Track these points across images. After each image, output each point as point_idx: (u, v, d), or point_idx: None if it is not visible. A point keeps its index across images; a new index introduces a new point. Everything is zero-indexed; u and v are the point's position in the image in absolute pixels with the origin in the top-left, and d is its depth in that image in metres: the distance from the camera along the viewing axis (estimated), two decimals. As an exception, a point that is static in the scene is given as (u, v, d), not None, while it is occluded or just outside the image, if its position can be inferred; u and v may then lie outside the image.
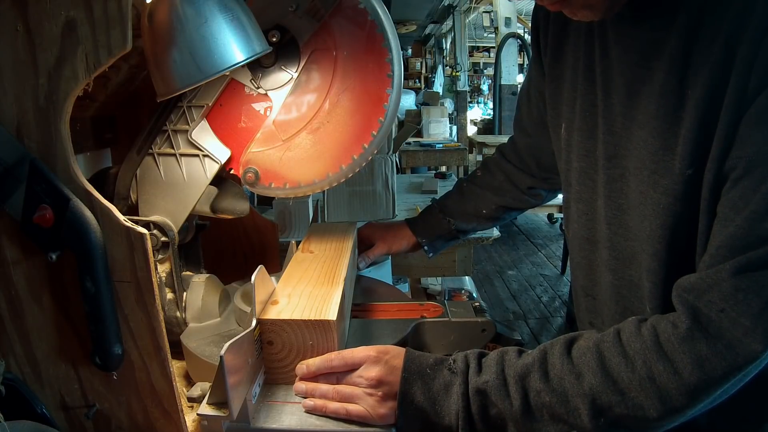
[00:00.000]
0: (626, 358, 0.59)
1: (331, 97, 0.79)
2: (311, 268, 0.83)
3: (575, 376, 0.61)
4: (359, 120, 0.78)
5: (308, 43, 0.79)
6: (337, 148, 0.79)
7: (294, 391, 0.69)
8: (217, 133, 0.82)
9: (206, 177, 0.82)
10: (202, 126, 0.81)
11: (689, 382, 0.56)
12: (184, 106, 0.81)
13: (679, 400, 0.57)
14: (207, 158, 0.82)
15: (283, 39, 0.79)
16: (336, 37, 0.78)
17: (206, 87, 0.80)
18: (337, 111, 0.79)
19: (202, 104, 0.81)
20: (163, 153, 0.82)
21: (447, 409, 0.64)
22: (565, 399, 0.61)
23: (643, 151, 0.65)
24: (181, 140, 0.82)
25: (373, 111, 0.78)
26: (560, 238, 5.09)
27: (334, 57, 0.78)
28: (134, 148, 0.82)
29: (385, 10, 0.78)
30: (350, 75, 0.78)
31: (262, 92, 0.81)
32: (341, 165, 0.79)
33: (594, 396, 0.60)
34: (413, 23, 8.20)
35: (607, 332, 0.63)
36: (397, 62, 0.78)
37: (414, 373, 0.66)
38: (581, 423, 0.60)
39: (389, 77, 0.77)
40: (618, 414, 0.59)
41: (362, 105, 0.78)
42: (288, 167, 0.81)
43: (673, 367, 0.57)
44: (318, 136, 0.80)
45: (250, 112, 0.82)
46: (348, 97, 0.79)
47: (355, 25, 0.77)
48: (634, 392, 0.58)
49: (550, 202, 1.17)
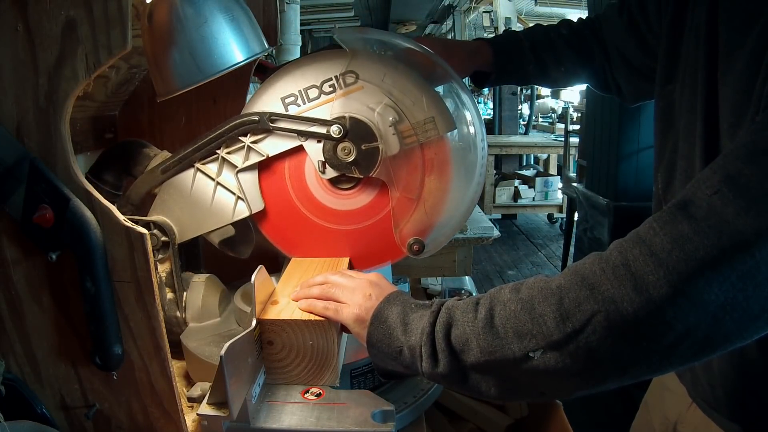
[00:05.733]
0: (601, 257, 0.54)
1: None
2: (311, 268, 0.83)
3: (545, 283, 0.56)
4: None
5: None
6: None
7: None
8: (262, 185, 0.82)
9: (231, 217, 0.82)
10: (252, 171, 0.81)
11: (667, 263, 0.49)
12: (247, 144, 0.80)
13: (658, 289, 0.49)
14: (241, 201, 0.82)
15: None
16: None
17: (277, 139, 0.80)
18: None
19: (264, 154, 0.80)
20: (204, 171, 0.81)
21: (414, 328, 0.62)
22: (531, 305, 0.55)
23: (728, 107, 0.62)
24: (226, 170, 0.81)
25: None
26: (560, 238, 5.08)
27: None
28: (161, 165, 0.82)
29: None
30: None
31: (321, 175, 0.81)
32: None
33: (561, 295, 0.53)
34: (413, 23, 8.20)
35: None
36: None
37: (397, 299, 0.67)
38: (546, 330, 0.53)
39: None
40: (588, 313, 0.51)
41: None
42: (434, 213, 0.80)
43: (650, 250, 0.50)
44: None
45: (302, 183, 0.83)
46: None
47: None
48: (605, 285, 0.51)
49: (550, 202, 1.14)
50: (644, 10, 0.85)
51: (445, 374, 0.59)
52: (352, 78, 0.77)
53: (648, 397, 0.96)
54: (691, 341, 0.50)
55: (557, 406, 0.99)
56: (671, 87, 0.76)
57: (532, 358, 0.54)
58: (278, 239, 0.86)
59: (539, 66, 1.00)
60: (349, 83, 0.77)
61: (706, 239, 0.48)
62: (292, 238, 0.86)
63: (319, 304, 0.69)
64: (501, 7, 6.00)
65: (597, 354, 0.52)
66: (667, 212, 0.52)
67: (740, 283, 0.48)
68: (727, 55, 0.63)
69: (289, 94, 0.79)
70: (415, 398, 0.80)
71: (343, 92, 0.77)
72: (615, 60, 0.95)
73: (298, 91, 0.78)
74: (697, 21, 0.69)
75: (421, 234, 0.81)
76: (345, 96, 0.78)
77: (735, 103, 0.60)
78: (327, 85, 0.78)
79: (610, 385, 0.54)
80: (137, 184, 0.83)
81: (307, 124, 0.78)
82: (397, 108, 0.77)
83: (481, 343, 0.57)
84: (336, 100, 0.78)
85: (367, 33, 0.79)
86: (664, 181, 0.77)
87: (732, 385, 0.71)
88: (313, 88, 0.78)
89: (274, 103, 0.79)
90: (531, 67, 1.00)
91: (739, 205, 0.48)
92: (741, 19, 0.62)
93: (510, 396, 0.66)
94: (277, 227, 0.85)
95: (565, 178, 3.99)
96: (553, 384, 0.56)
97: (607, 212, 2.61)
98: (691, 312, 0.49)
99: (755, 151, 0.50)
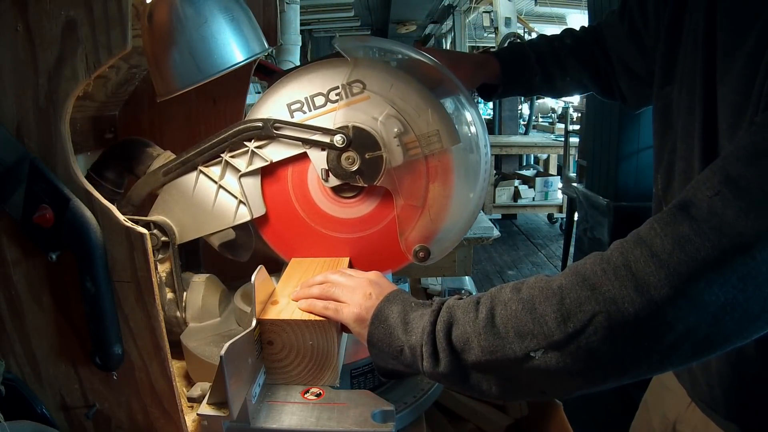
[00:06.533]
0: (602, 257, 0.54)
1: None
2: (311, 268, 0.83)
3: (546, 283, 0.56)
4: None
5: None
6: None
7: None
8: (265, 191, 0.82)
9: (232, 220, 0.82)
10: (255, 176, 0.81)
11: (668, 264, 0.49)
12: (251, 149, 0.80)
13: (659, 289, 0.49)
14: (242, 205, 0.82)
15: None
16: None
17: (281, 145, 0.80)
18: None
19: (268, 159, 0.80)
20: (207, 174, 0.81)
21: (415, 327, 0.62)
22: (532, 305, 0.55)
23: (727, 108, 0.62)
24: (229, 174, 0.81)
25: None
26: (560, 238, 5.08)
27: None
28: (164, 167, 0.81)
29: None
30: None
31: (324, 183, 0.81)
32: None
33: (562, 295, 0.53)
34: (413, 23, 8.20)
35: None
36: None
37: (398, 298, 0.67)
38: (548, 330, 0.53)
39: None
40: (589, 313, 0.51)
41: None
42: (439, 219, 0.80)
43: (651, 251, 0.50)
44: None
45: (305, 190, 0.83)
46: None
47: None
48: (606, 285, 0.51)
49: (550, 202, 1.14)
50: (644, 14, 0.85)
51: (446, 373, 0.59)
52: (359, 87, 0.77)
53: (647, 397, 0.96)
54: (691, 341, 0.50)
55: (557, 406, 0.99)
56: (669, 88, 0.76)
57: (533, 357, 0.54)
58: (278, 245, 0.86)
59: (545, 77, 1.01)
60: (356, 92, 0.77)
61: (706, 240, 0.48)
62: (292, 244, 0.86)
63: (319, 304, 0.69)
64: (501, 7, 5.99)
65: (598, 354, 0.52)
66: (668, 213, 0.52)
67: (741, 283, 0.48)
68: (726, 57, 0.63)
69: (295, 101, 0.79)
70: (415, 398, 0.80)
71: (349, 101, 0.77)
72: (617, 67, 0.95)
73: (305, 98, 0.78)
74: (695, 23, 0.69)
75: (427, 240, 0.81)
76: (351, 105, 0.77)
77: (734, 104, 0.60)
78: (334, 93, 0.78)
79: (611, 385, 0.55)
80: (138, 185, 0.83)
81: (311, 133, 0.78)
82: (403, 119, 0.77)
83: (482, 343, 0.57)
84: (340, 110, 0.78)
85: (375, 42, 0.79)
86: (664, 182, 0.77)
87: (730, 385, 0.71)
88: (320, 96, 0.78)
89: (279, 109, 0.79)
90: (537, 79, 1.01)
91: (739, 207, 0.48)
92: (739, 20, 0.62)
93: (511, 395, 0.66)
94: (277, 233, 0.85)
95: (565, 178, 3.99)
96: (553, 383, 0.57)
97: (607, 212, 2.61)
98: (692, 312, 0.49)
99: (755, 153, 0.50)
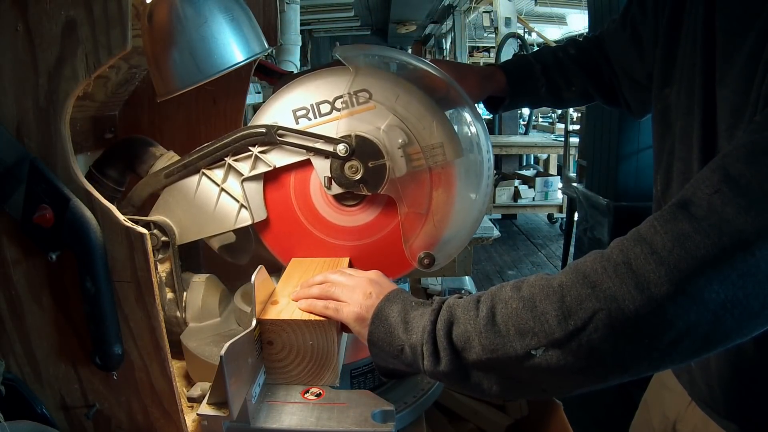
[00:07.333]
0: (602, 255, 0.54)
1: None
2: (311, 268, 0.83)
3: (546, 281, 0.56)
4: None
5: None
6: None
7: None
8: (266, 196, 0.82)
9: (233, 224, 0.82)
10: (258, 181, 0.81)
11: (668, 261, 0.49)
12: (255, 154, 0.80)
13: (659, 287, 0.49)
14: (244, 209, 0.82)
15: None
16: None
17: (285, 151, 0.80)
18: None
19: (271, 165, 0.80)
20: (209, 177, 0.81)
21: (416, 326, 0.63)
22: (533, 303, 0.55)
23: (726, 109, 0.62)
24: (231, 177, 0.81)
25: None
26: (560, 238, 5.08)
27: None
28: (165, 170, 0.81)
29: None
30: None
31: (327, 191, 0.81)
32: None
33: (563, 293, 0.53)
34: (413, 23, 8.20)
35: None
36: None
37: (398, 297, 0.68)
38: (548, 328, 0.53)
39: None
40: (589, 311, 0.51)
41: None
42: (443, 225, 0.80)
43: (651, 248, 0.50)
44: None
45: (307, 197, 0.83)
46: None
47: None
48: (607, 283, 0.51)
49: (550, 202, 1.15)
50: (645, 15, 0.85)
51: (446, 372, 0.59)
52: (365, 97, 0.77)
53: (647, 396, 0.96)
54: (691, 339, 0.50)
55: (557, 406, 0.99)
56: (668, 90, 0.76)
57: (533, 356, 0.54)
58: (278, 250, 0.86)
59: (551, 88, 1.01)
60: (362, 102, 0.77)
61: (706, 238, 0.49)
62: (292, 249, 0.86)
63: (319, 304, 0.69)
64: (501, 7, 5.99)
65: (599, 352, 0.52)
66: (668, 211, 0.52)
67: (740, 281, 0.48)
68: (725, 58, 0.63)
69: (301, 107, 0.78)
70: (415, 398, 0.80)
71: (354, 110, 0.77)
72: (621, 76, 0.95)
73: (311, 104, 0.78)
74: (694, 24, 0.70)
75: (431, 247, 0.81)
76: (355, 114, 0.77)
77: (733, 104, 0.60)
78: (340, 101, 0.77)
79: (611, 382, 0.55)
80: (140, 186, 0.83)
81: (314, 141, 0.78)
82: (407, 130, 0.77)
83: (482, 341, 0.57)
84: (344, 118, 0.78)
85: (379, 51, 0.79)
86: (663, 183, 0.77)
87: (729, 384, 0.71)
88: (326, 104, 0.78)
89: (285, 114, 0.79)
90: (543, 90, 1.01)
91: (739, 205, 0.48)
92: (738, 21, 0.62)
93: (511, 394, 0.66)
94: (278, 238, 0.85)
95: (565, 178, 3.99)
96: (554, 381, 0.57)
97: (607, 212, 2.61)
98: (692, 310, 0.49)
99: (755, 152, 0.50)
